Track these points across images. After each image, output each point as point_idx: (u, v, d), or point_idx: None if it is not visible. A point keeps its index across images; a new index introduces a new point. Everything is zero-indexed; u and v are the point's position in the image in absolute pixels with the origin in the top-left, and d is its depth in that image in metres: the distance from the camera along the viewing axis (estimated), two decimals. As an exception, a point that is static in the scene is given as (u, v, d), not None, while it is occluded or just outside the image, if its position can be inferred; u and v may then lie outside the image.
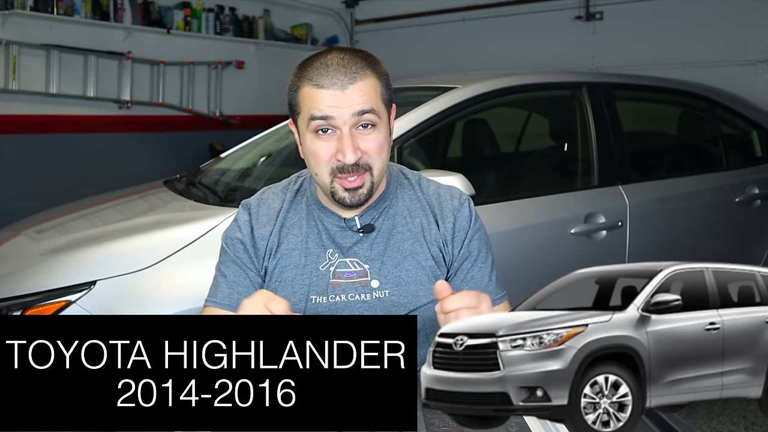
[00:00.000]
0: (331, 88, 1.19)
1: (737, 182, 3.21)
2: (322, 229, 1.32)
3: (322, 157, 1.23)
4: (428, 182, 1.40)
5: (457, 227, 1.34)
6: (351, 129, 1.21)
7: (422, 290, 1.30)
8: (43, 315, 1.94)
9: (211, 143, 5.53)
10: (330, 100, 1.19)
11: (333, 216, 1.31)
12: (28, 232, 2.50)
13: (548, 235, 2.57)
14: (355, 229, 1.31)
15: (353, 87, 1.20)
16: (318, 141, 1.22)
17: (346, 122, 1.20)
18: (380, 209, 1.32)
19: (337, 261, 1.30)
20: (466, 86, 2.64)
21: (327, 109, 1.20)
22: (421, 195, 1.37)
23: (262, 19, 6.08)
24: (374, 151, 1.23)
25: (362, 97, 1.20)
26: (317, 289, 1.29)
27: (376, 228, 1.31)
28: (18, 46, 4.64)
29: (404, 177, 1.39)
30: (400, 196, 1.35)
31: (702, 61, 4.46)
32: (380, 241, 1.31)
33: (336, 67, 1.20)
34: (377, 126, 1.23)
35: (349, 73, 1.20)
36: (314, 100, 1.20)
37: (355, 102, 1.20)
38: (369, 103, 1.21)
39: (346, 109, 1.20)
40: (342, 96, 1.19)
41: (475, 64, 4.87)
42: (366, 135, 1.22)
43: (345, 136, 1.20)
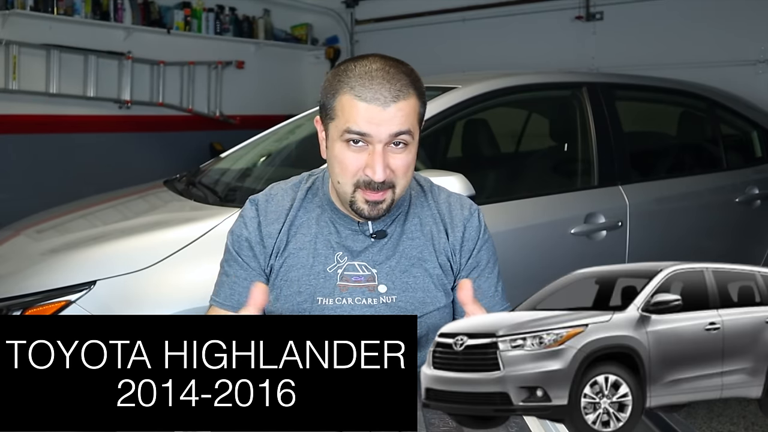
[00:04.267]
0: (373, 102, 1.16)
1: (737, 182, 3.21)
2: (333, 231, 1.31)
3: (350, 168, 1.21)
4: (439, 190, 1.39)
5: (466, 237, 1.34)
6: (384, 146, 1.19)
7: (429, 297, 1.30)
8: (43, 315, 1.94)
9: (211, 143, 5.53)
10: (369, 116, 1.17)
11: (346, 219, 1.31)
12: (28, 232, 2.50)
13: (548, 235, 2.57)
14: (367, 234, 1.30)
15: (395, 106, 1.17)
16: (348, 151, 1.20)
17: (381, 141, 1.18)
18: (393, 216, 1.32)
19: (346, 264, 1.29)
20: (466, 86, 2.64)
21: (365, 126, 1.17)
22: (432, 203, 1.36)
23: (262, 19, 6.08)
24: (402, 171, 1.22)
25: (402, 118, 1.18)
26: (324, 291, 1.28)
27: (388, 234, 1.31)
28: (18, 45, 4.64)
29: (417, 184, 1.39)
30: (413, 203, 1.35)
31: (702, 61, 4.47)
32: (390, 246, 1.31)
33: (380, 81, 1.17)
34: (409, 146, 1.21)
35: (393, 90, 1.17)
36: (353, 113, 1.18)
37: (393, 123, 1.17)
38: (407, 124, 1.19)
39: (384, 129, 1.17)
40: (382, 113, 1.17)
41: (475, 64, 4.87)
42: (397, 154, 1.20)
43: (377, 153, 1.18)
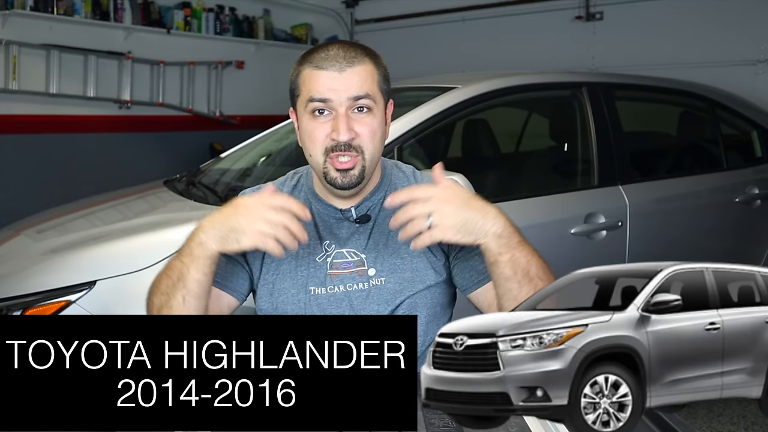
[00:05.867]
0: (330, 69, 1.24)
1: (737, 182, 3.21)
2: (318, 221, 1.34)
3: (318, 137, 1.26)
4: (422, 175, 1.42)
5: None
6: (347, 110, 1.25)
7: (418, 277, 1.32)
8: (43, 315, 1.94)
9: (211, 143, 5.52)
10: (328, 82, 1.24)
11: (329, 207, 1.34)
12: (28, 232, 2.50)
13: (548, 235, 2.57)
14: (351, 220, 1.33)
15: (351, 70, 1.24)
16: (314, 122, 1.26)
17: (342, 104, 1.24)
18: (376, 200, 1.34)
19: (334, 252, 1.32)
20: (466, 86, 2.64)
21: (325, 92, 1.24)
22: (415, 185, 1.38)
23: (262, 19, 6.08)
24: (367, 135, 1.26)
25: (359, 81, 1.25)
26: (315, 281, 1.31)
27: (372, 218, 1.34)
28: (18, 46, 4.64)
29: (399, 169, 1.42)
30: (395, 186, 1.37)
31: (702, 61, 4.46)
32: (376, 230, 1.33)
33: (336, 51, 1.26)
34: (372, 111, 1.27)
35: (348, 58, 1.25)
36: (313, 82, 1.25)
37: (352, 85, 1.24)
38: (365, 87, 1.25)
39: (343, 92, 1.24)
40: (340, 78, 1.24)
41: (475, 64, 4.87)
42: (361, 118, 1.26)
43: (341, 116, 1.24)
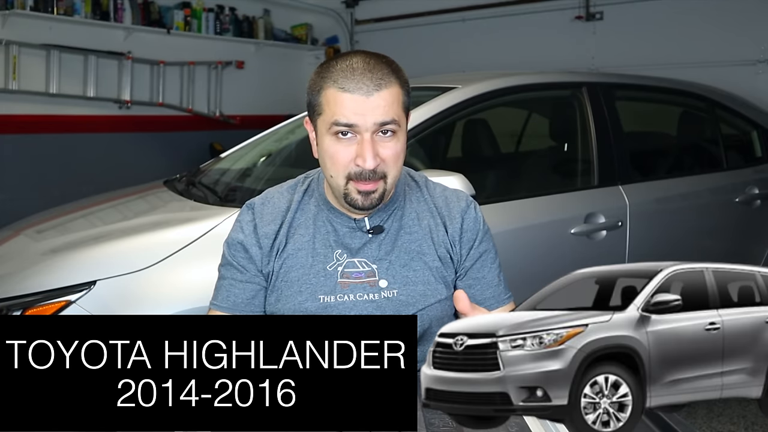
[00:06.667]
0: (356, 93, 1.20)
1: (737, 182, 3.21)
2: (330, 230, 1.33)
3: (341, 161, 1.24)
4: (434, 185, 1.42)
5: (465, 228, 1.36)
6: (372, 135, 1.22)
7: (429, 290, 1.31)
8: (43, 315, 1.94)
9: (211, 143, 5.53)
10: (354, 106, 1.20)
11: (342, 217, 1.33)
12: (28, 232, 2.50)
13: (548, 235, 2.57)
14: (364, 230, 1.32)
15: (378, 95, 1.21)
16: (337, 144, 1.23)
17: (368, 129, 1.21)
18: (389, 211, 1.34)
19: (346, 261, 1.31)
20: (466, 86, 2.64)
21: (351, 116, 1.21)
22: (428, 197, 1.39)
23: (262, 19, 6.08)
24: (391, 159, 1.24)
25: (386, 107, 1.21)
26: (325, 289, 1.30)
27: (385, 229, 1.33)
28: (18, 46, 4.64)
29: (412, 179, 1.41)
30: (408, 198, 1.37)
31: (702, 61, 4.47)
32: (388, 241, 1.32)
33: (362, 71, 1.21)
34: (396, 134, 1.24)
35: (375, 79, 1.21)
36: (339, 105, 1.21)
37: (378, 111, 1.21)
38: (391, 113, 1.22)
39: (369, 117, 1.21)
40: (366, 102, 1.20)
41: (475, 64, 4.87)
42: (385, 142, 1.23)
43: (366, 141, 1.21)
